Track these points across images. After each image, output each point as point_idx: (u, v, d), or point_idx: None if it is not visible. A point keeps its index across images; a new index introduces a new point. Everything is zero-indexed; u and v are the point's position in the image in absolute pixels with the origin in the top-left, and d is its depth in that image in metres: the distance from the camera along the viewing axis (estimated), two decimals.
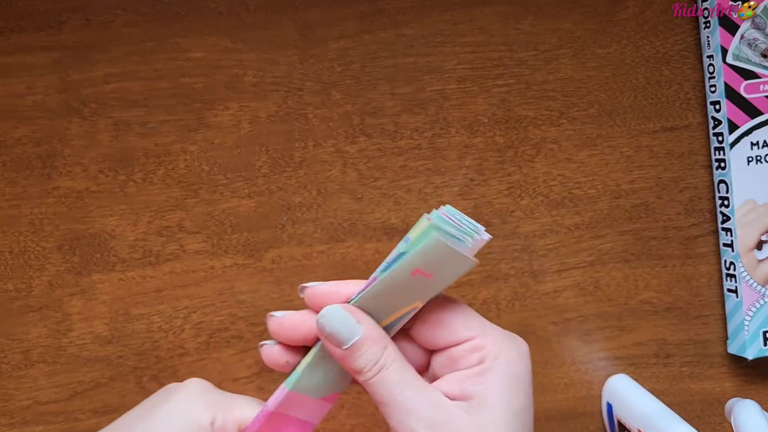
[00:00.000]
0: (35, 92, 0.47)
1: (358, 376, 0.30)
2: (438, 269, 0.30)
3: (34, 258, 0.47)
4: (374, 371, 0.30)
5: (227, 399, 0.33)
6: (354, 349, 0.30)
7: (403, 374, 0.30)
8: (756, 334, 0.47)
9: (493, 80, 0.48)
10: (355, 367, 0.30)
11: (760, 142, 0.47)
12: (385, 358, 0.30)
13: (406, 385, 0.30)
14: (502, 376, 0.30)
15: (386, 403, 0.29)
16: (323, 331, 0.30)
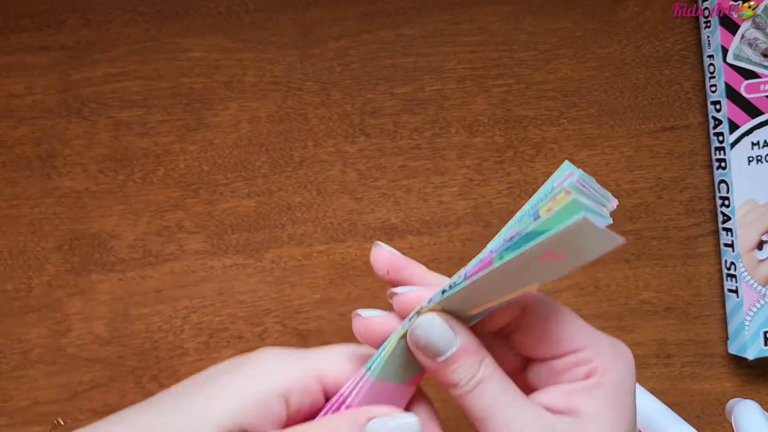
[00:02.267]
0: (35, 92, 0.47)
1: (453, 390, 0.28)
2: (575, 250, 0.25)
3: (33, 258, 0.47)
4: (471, 385, 0.28)
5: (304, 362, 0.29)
6: (449, 362, 0.28)
7: (503, 389, 0.28)
8: (756, 335, 0.47)
9: (493, 80, 0.48)
10: (450, 381, 0.28)
11: (761, 142, 0.47)
12: (483, 372, 0.28)
13: (506, 400, 0.28)
14: (611, 393, 0.28)
15: (485, 419, 0.27)
16: (418, 343, 0.28)
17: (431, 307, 0.28)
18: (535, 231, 0.25)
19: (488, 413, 0.27)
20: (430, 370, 0.28)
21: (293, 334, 0.48)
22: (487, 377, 0.28)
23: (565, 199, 0.24)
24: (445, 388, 0.28)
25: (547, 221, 0.25)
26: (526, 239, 0.25)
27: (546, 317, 0.29)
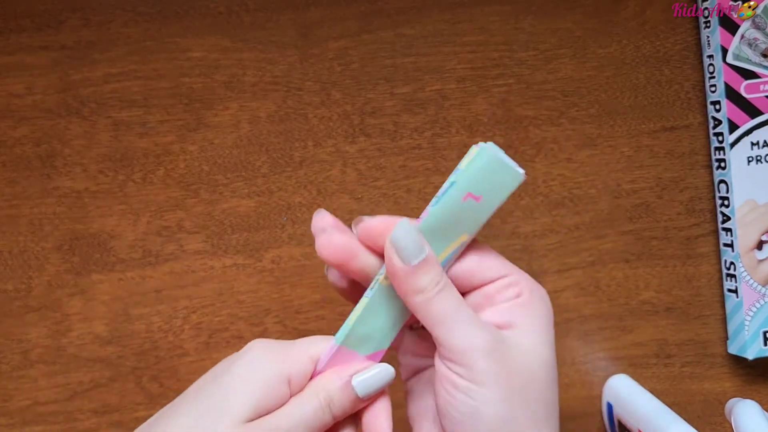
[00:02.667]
0: (35, 92, 0.47)
1: (419, 296, 0.31)
2: (488, 190, 0.32)
3: (33, 258, 0.47)
4: (436, 290, 0.31)
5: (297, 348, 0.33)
6: (420, 266, 0.31)
7: (460, 298, 0.32)
8: (756, 334, 0.47)
9: (493, 80, 0.48)
10: (418, 285, 0.31)
11: (761, 142, 0.47)
12: (445, 280, 0.31)
13: (464, 303, 0.31)
14: (539, 309, 0.33)
15: (447, 322, 0.31)
16: (396, 244, 0.31)
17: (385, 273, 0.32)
18: (456, 180, 0.32)
19: (449, 316, 0.31)
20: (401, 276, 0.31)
21: (293, 334, 0.48)
22: (449, 285, 0.32)
23: (476, 150, 0.32)
24: (411, 296, 0.31)
25: (463, 170, 0.32)
26: (449, 187, 0.32)
27: (477, 249, 0.34)
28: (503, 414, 0.30)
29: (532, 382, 0.31)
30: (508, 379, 0.30)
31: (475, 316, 0.31)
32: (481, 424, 0.30)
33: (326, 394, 0.32)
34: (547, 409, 0.32)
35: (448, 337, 0.31)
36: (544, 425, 0.31)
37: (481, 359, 0.30)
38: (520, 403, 0.30)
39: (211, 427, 0.30)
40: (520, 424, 0.30)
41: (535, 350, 0.32)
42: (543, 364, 0.32)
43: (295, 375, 0.32)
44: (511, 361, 0.31)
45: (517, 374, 0.31)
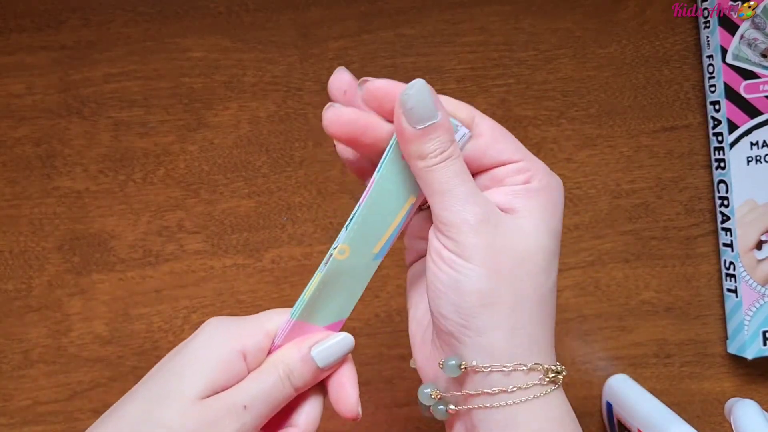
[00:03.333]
0: (35, 92, 0.47)
1: (421, 161, 0.30)
2: None
3: (33, 258, 0.47)
4: (441, 158, 0.30)
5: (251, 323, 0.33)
6: (429, 130, 0.30)
7: (465, 170, 0.30)
8: (756, 334, 0.47)
9: (493, 80, 0.48)
10: (423, 149, 0.30)
11: (760, 142, 0.47)
12: (453, 149, 0.30)
13: (466, 179, 0.30)
14: (546, 198, 0.31)
15: (443, 192, 0.30)
16: (407, 104, 0.30)
17: (340, 247, 0.32)
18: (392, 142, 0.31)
19: (448, 186, 0.30)
20: (408, 137, 0.30)
21: None
22: (455, 155, 0.30)
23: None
24: (414, 160, 0.30)
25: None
26: (388, 149, 0.31)
27: (491, 131, 0.32)
28: (484, 289, 0.29)
29: (524, 263, 0.30)
30: (496, 257, 0.29)
31: (475, 191, 0.30)
32: (461, 296, 0.29)
33: (285, 366, 0.32)
34: (538, 294, 0.30)
35: (441, 208, 0.30)
36: (530, 306, 0.30)
37: (470, 233, 0.29)
38: (507, 283, 0.29)
39: (165, 407, 0.30)
40: (503, 302, 0.29)
41: (532, 234, 0.30)
42: (540, 250, 0.30)
43: (250, 350, 0.32)
44: (504, 239, 0.30)
45: (507, 253, 0.30)
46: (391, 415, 0.49)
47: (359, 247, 0.32)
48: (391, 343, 0.48)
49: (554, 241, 0.31)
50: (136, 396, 0.31)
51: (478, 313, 0.29)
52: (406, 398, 0.49)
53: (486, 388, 0.30)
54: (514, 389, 0.30)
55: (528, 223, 0.30)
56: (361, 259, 0.33)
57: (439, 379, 0.32)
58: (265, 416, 0.31)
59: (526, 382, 0.30)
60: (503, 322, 0.30)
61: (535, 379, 0.31)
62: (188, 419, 0.29)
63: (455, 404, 0.31)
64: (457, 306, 0.30)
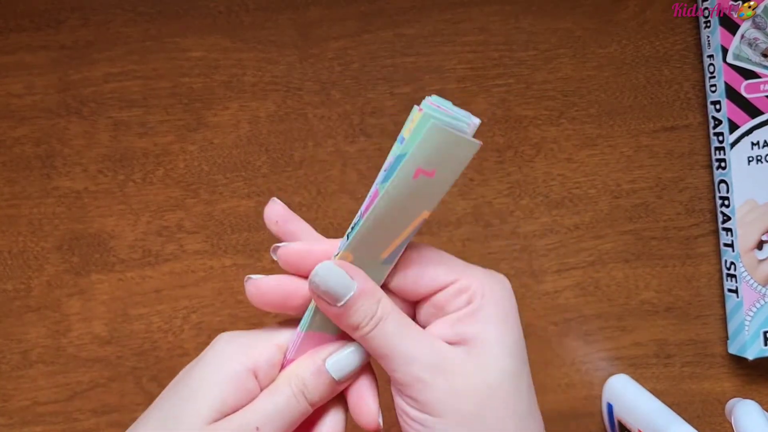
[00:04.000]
0: (34, 92, 0.47)
1: (356, 332, 0.30)
2: (441, 163, 0.28)
3: (33, 258, 0.47)
4: (371, 325, 0.29)
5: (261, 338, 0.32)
6: (349, 306, 0.29)
7: (400, 324, 0.30)
8: (756, 334, 0.47)
9: (493, 80, 0.48)
10: (351, 324, 0.29)
11: (761, 142, 0.47)
12: (381, 311, 0.29)
13: (404, 334, 0.29)
14: (493, 314, 0.30)
15: (387, 356, 0.29)
16: (317, 290, 0.29)
17: (342, 254, 0.30)
18: (402, 153, 0.28)
19: (388, 350, 0.29)
20: (333, 317, 0.30)
21: None
22: (385, 315, 0.29)
23: (419, 116, 0.27)
24: (350, 332, 0.30)
25: (409, 142, 0.28)
26: (396, 163, 0.28)
27: (418, 255, 0.31)
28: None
29: (493, 400, 0.29)
30: (462, 404, 0.28)
31: (418, 342, 0.29)
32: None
33: (299, 381, 0.30)
34: (520, 421, 0.29)
35: (391, 370, 0.29)
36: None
37: (427, 390, 0.28)
38: (482, 426, 0.28)
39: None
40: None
41: (491, 364, 0.29)
42: (503, 375, 0.29)
43: (262, 366, 0.31)
44: (461, 383, 0.29)
45: (471, 396, 0.29)
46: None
47: (363, 255, 0.30)
48: None
49: (516, 359, 0.30)
50: (148, 421, 0.30)
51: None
52: None
53: None
54: None
55: (482, 353, 0.29)
56: (368, 265, 0.31)
57: None
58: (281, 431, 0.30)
59: None
60: None
61: None
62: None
63: None
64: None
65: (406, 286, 0.31)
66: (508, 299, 0.31)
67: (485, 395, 0.29)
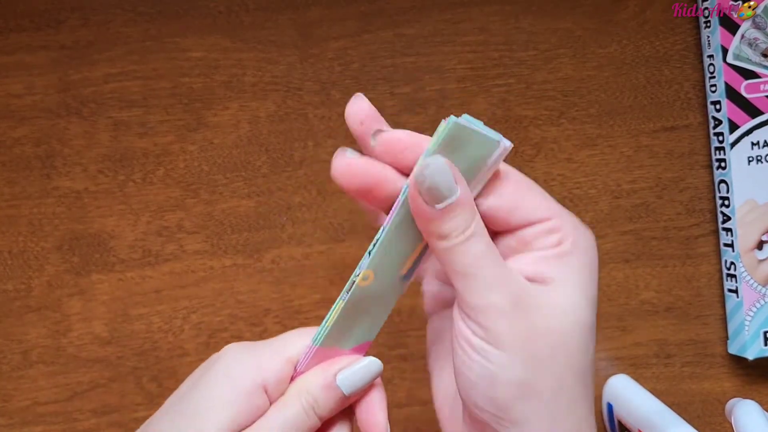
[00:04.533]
0: (34, 92, 0.47)
1: (443, 242, 0.27)
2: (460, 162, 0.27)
3: (33, 258, 0.47)
4: (463, 237, 0.27)
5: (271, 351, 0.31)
6: (448, 210, 0.27)
7: (489, 246, 0.27)
8: (756, 335, 0.47)
9: (493, 80, 0.48)
10: (442, 231, 0.27)
11: (761, 142, 0.47)
12: (475, 227, 0.27)
13: (492, 259, 0.27)
14: (580, 263, 0.28)
15: (469, 275, 0.27)
16: (423, 185, 0.27)
17: (362, 274, 0.29)
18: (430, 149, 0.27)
19: (473, 269, 0.27)
20: (426, 218, 0.27)
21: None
22: (478, 233, 0.27)
23: (444, 124, 0.27)
24: (433, 240, 0.28)
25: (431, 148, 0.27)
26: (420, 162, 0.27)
27: (517, 187, 0.29)
28: (522, 380, 0.27)
29: (562, 345, 0.27)
30: (532, 343, 0.27)
31: (502, 269, 0.27)
32: (496, 388, 0.27)
33: (308, 396, 0.29)
34: (577, 377, 0.28)
35: (467, 292, 0.27)
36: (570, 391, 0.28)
37: (502, 320, 0.27)
38: (544, 369, 0.27)
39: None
40: (541, 391, 0.27)
41: (569, 310, 0.27)
42: (577, 326, 0.27)
43: (271, 381, 0.30)
44: (537, 321, 0.27)
45: (543, 337, 0.27)
46: (391, 416, 0.49)
47: (384, 271, 0.29)
48: (392, 343, 0.48)
49: (591, 313, 0.28)
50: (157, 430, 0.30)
51: (516, 405, 0.27)
52: (406, 399, 0.48)
53: None
54: None
55: (563, 297, 0.28)
56: (388, 282, 0.30)
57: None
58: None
59: None
60: (543, 412, 0.27)
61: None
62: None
63: None
64: (491, 398, 0.27)
65: (499, 211, 0.29)
66: (594, 253, 0.29)
67: (556, 342, 0.27)
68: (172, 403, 0.30)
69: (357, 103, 0.30)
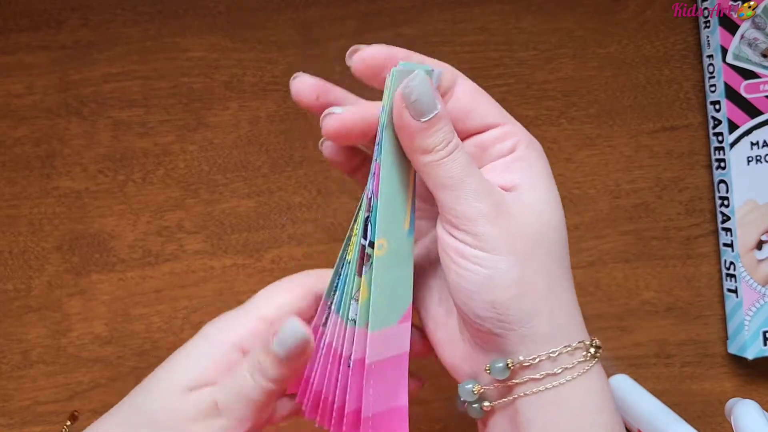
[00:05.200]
0: (34, 92, 0.47)
1: (428, 156, 0.29)
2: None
3: (33, 258, 0.47)
4: (448, 150, 0.29)
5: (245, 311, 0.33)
6: (432, 123, 0.29)
7: (470, 159, 0.29)
8: (756, 334, 0.47)
9: (493, 80, 0.48)
10: (428, 144, 0.29)
11: (760, 142, 0.47)
12: (457, 140, 0.29)
13: (473, 169, 0.29)
14: (539, 165, 0.31)
15: (455, 186, 0.29)
16: (410, 96, 0.29)
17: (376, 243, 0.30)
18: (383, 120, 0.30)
19: (457, 180, 0.29)
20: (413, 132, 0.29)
21: None
22: (460, 145, 0.29)
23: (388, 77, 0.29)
24: (418, 155, 0.29)
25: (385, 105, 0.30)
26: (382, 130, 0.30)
27: (474, 92, 0.31)
28: (517, 278, 0.28)
29: (542, 241, 0.29)
30: (518, 242, 0.29)
31: (483, 181, 0.29)
32: (496, 291, 0.29)
33: (253, 360, 0.30)
34: (562, 268, 0.30)
35: (455, 203, 0.29)
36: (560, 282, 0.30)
37: (489, 224, 0.28)
38: (534, 265, 0.29)
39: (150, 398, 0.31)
40: (537, 286, 0.29)
41: (540, 209, 0.30)
42: (551, 222, 0.30)
43: (245, 338, 0.31)
44: (519, 222, 0.29)
45: (526, 236, 0.29)
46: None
47: (391, 233, 0.31)
48: None
49: (558, 208, 0.31)
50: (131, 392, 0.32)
51: (517, 303, 0.29)
52: None
53: (533, 375, 0.29)
54: (560, 370, 0.29)
55: (533, 199, 0.30)
56: (398, 243, 0.31)
57: (479, 375, 0.31)
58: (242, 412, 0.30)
59: (571, 362, 0.30)
60: (542, 306, 0.29)
61: (579, 357, 0.30)
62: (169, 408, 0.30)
63: (498, 397, 0.30)
64: (492, 303, 0.29)
65: (458, 114, 0.31)
66: (544, 156, 0.31)
67: (536, 239, 0.29)
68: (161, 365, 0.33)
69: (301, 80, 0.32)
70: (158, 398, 0.31)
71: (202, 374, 0.31)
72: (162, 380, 0.31)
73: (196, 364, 0.31)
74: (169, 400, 0.30)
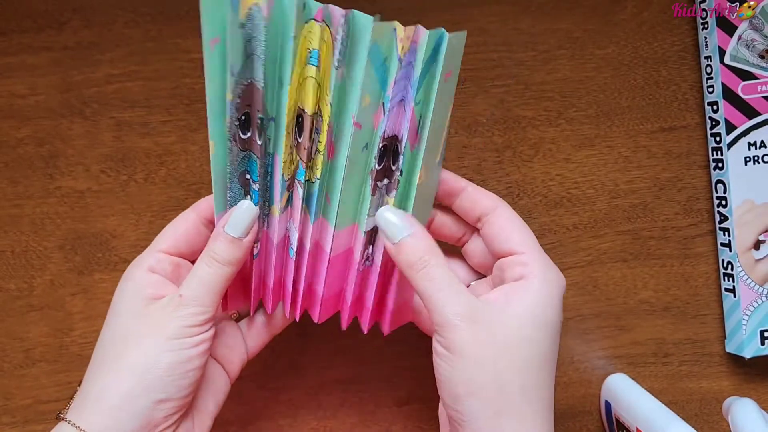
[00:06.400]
0: (37, 92, 0.47)
1: (408, 270, 0.35)
2: (454, 63, 0.36)
3: (35, 257, 0.47)
4: (419, 266, 0.34)
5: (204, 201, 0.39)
6: (405, 244, 0.35)
7: (444, 273, 0.34)
8: (753, 334, 0.47)
9: (492, 80, 0.48)
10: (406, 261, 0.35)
11: (758, 143, 0.47)
12: (431, 256, 0.35)
13: (446, 283, 0.34)
14: (539, 292, 0.35)
15: (430, 297, 0.34)
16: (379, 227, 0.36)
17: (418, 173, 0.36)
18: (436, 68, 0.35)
19: (431, 292, 0.34)
20: (389, 252, 0.36)
21: (294, 333, 0.48)
22: (434, 263, 0.34)
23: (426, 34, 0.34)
24: (403, 269, 0.35)
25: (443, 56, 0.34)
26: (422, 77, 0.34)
27: (508, 221, 0.37)
28: (468, 379, 0.33)
29: (505, 353, 0.33)
30: (480, 349, 0.33)
31: (456, 289, 0.34)
32: (452, 386, 0.33)
33: (208, 246, 0.36)
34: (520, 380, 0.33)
35: (431, 310, 0.34)
36: (513, 393, 0.33)
37: (455, 331, 0.33)
38: (488, 371, 0.33)
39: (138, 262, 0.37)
40: (485, 389, 0.33)
41: (515, 326, 0.34)
42: (523, 340, 0.34)
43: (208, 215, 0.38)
44: (486, 332, 0.33)
45: (489, 346, 0.33)
46: (391, 414, 0.49)
47: (429, 164, 0.36)
48: (391, 340, 0.48)
49: (542, 333, 0.34)
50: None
51: (466, 400, 0.33)
52: (406, 396, 0.49)
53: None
54: None
55: (512, 315, 0.34)
56: (432, 171, 0.37)
57: None
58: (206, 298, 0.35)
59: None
60: (488, 408, 0.33)
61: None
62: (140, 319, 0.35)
63: None
64: (451, 395, 0.33)
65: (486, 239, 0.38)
66: (558, 289, 0.36)
67: (499, 350, 0.33)
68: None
69: None
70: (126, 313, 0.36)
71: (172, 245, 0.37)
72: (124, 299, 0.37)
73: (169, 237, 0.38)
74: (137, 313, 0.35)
